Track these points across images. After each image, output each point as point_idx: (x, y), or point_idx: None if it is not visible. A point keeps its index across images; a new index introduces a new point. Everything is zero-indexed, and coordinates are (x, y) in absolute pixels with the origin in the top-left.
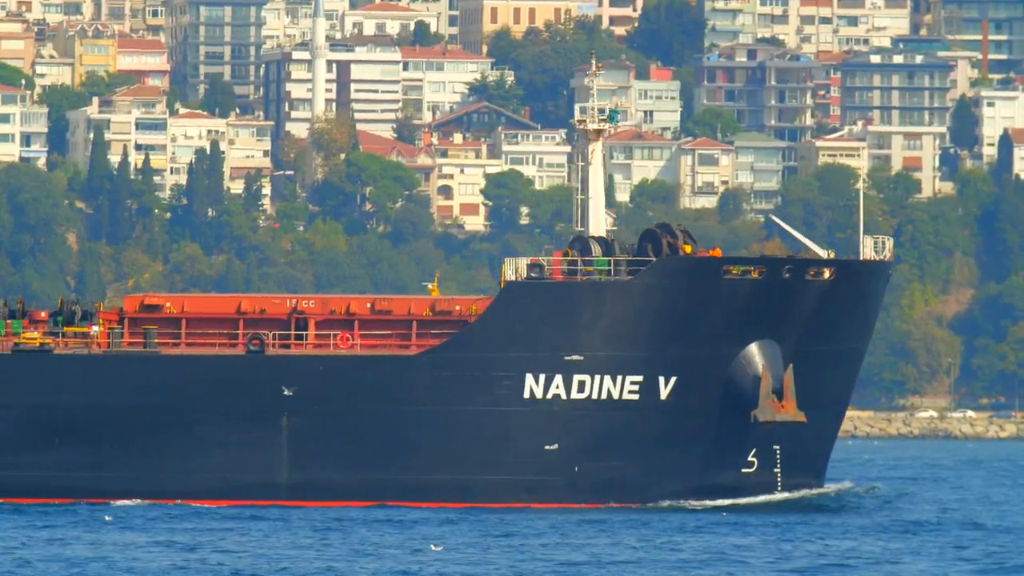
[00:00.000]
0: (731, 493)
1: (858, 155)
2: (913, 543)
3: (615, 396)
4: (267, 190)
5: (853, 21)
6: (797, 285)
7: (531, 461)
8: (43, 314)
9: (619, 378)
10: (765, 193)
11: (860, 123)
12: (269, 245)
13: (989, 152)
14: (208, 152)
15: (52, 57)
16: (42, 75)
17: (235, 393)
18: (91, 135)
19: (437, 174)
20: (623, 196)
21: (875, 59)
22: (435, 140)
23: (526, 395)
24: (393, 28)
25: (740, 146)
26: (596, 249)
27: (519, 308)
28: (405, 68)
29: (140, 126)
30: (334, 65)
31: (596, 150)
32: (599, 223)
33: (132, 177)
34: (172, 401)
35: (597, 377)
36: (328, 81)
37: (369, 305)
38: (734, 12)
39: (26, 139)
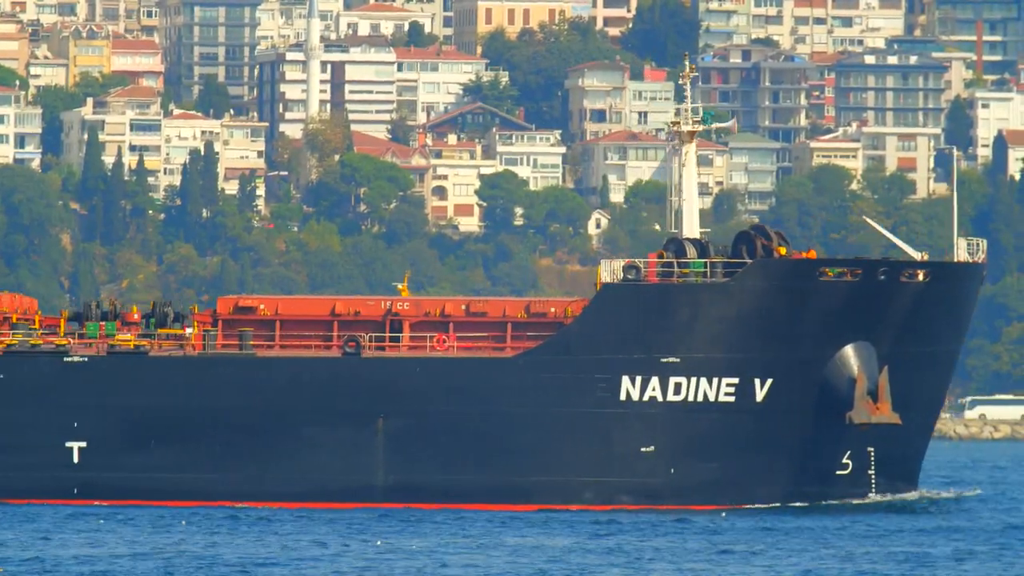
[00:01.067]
0: (825, 495)
1: (852, 156)
2: None
3: (711, 398)
4: (261, 191)
5: (847, 22)
6: (892, 287)
7: (627, 463)
8: (135, 315)
9: (715, 380)
10: (759, 194)
11: (854, 124)
12: (263, 246)
13: (984, 153)
14: (202, 153)
15: (46, 58)
16: (36, 76)
17: (331, 395)
18: (85, 136)
19: (431, 175)
20: (617, 197)
21: (869, 60)
22: (429, 141)
23: (622, 397)
24: (387, 29)
25: (734, 147)
26: (691, 251)
27: (615, 310)
28: (399, 69)
29: (134, 127)
30: (328, 66)
31: (690, 152)
32: (692, 225)
33: (126, 178)
34: (268, 403)
35: (693, 379)
36: (322, 82)
37: (464, 307)
38: (728, 13)
39: (20, 140)
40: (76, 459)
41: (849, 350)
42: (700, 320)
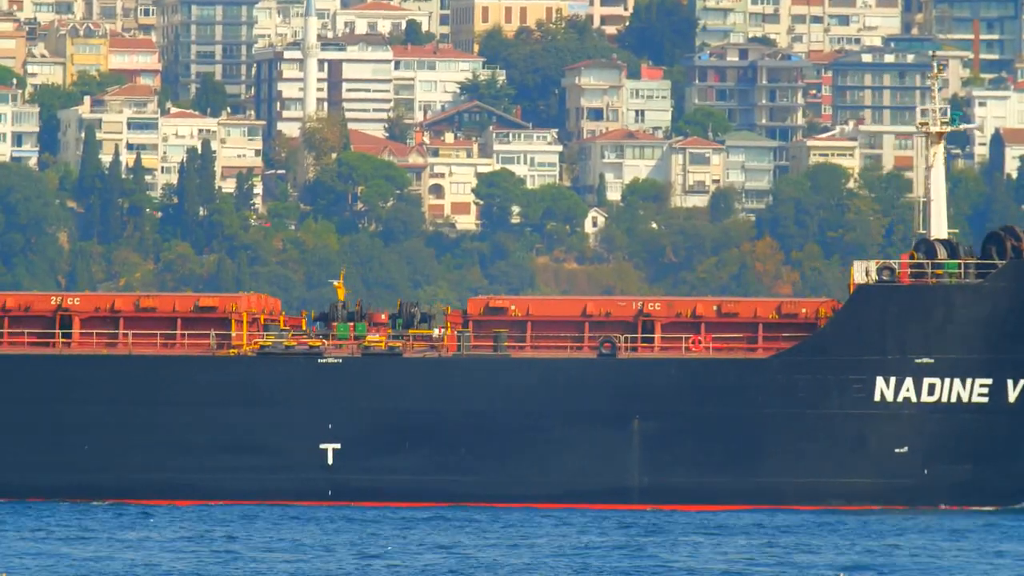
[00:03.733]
0: None
1: (849, 155)
2: None
3: (964, 399)
4: (258, 189)
5: (844, 20)
6: None
7: (882, 464)
8: (383, 316)
9: (968, 381)
10: (756, 192)
11: (851, 122)
12: (260, 244)
13: (981, 152)
14: (199, 151)
15: (43, 56)
16: (33, 74)
17: (586, 396)
18: (82, 134)
19: (428, 173)
20: (614, 195)
21: (866, 58)
22: (426, 139)
23: (877, 398)
24: (385, 27)
25: (731, 145)
26: (941, 252)
27: (870, 311)
28: (396, 67)
29: (131, 125)
30: (326, 64)
31: (938, 152)
32: (941, 225)
33: (123, 176)
34: (523, 405)
35: (947, 380)
36: (319, 80)
37: (715, 308)
38: (725, 11)
39: (17, 139)
40: (330, 461)
41: None
42: (954, 321)
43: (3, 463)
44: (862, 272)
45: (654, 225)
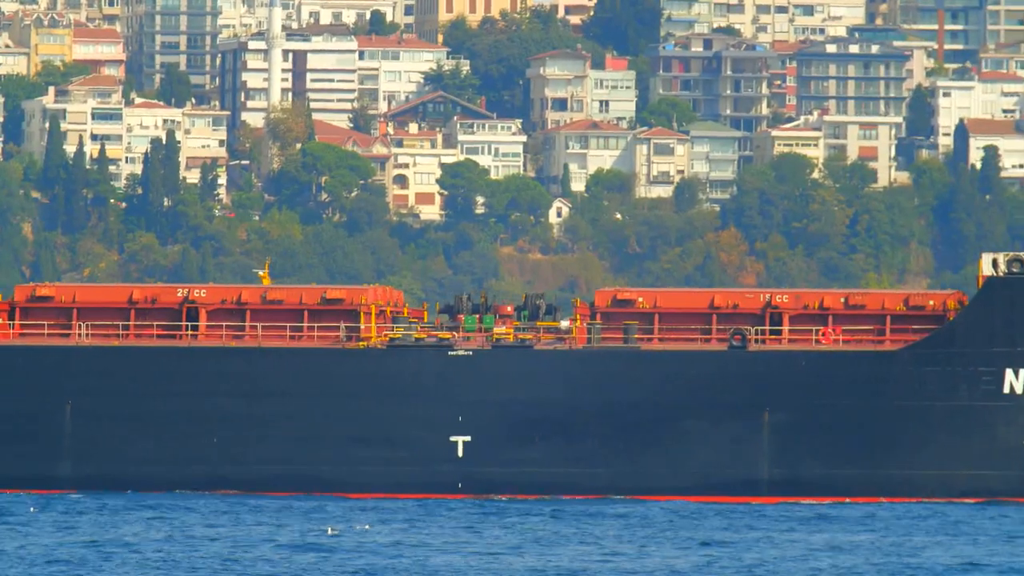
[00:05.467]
0: None
1: (814, 145)
2: None
3: None
4: (223, 180)
5: (809, 11)
6: None
7: (1012, 456)
8: (508, 309)
9: None
10: (720, 183)
11: (816, 113)
12: (224, 235)
13: (945, 142)
14: (164, 142)
15: (7, 47)
16: None
17: (716, 388)
18: (47, 125)
19: (393, 163)
20: (579, 186)
21: (831, 49)
22: (391, 129)
23: (1006, 390)
24: (349, 17)
25: (695, 136)
26: None
27: (999, 304)
28: (361, 57)
29: (96, 116)
30: (290, 54)
31: None
32: None
33: (88, 167)
34: (651, 396)
35: None
36: (284, 70)
37: (843, 300)
38: (690, 1)
39: None
40: (460, 453)
41: None
42: None
43: (130, 456)
44: (990, 264)
45: (618, 215)
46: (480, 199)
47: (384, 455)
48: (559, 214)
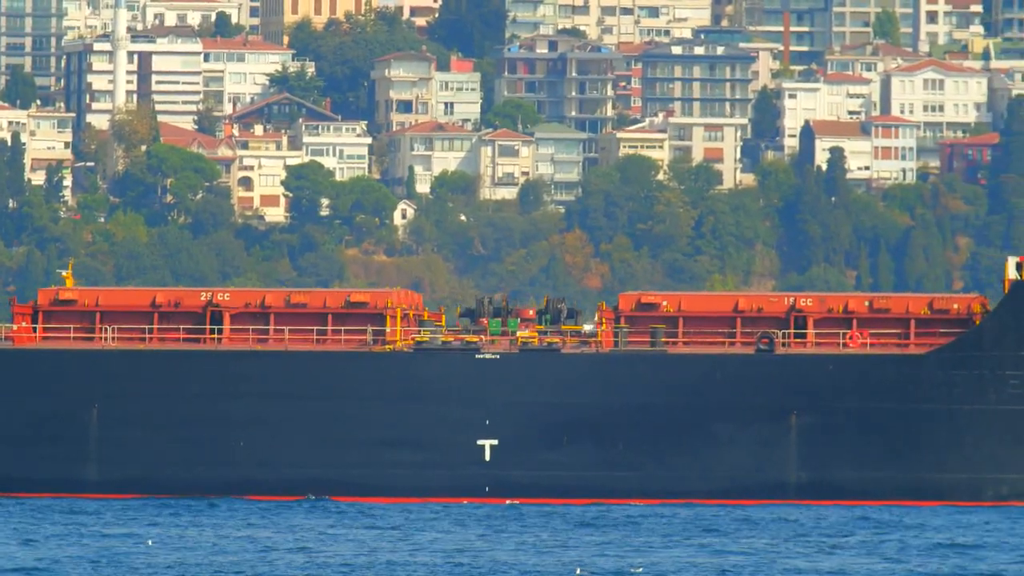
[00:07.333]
0: None
1: (659, 147)
2: None
3: None
4: (68, 181)
5: (654, 12)
6: None
7: None
8: (530, 312)
9: None
10: (565, 184)
11: (661, 115)
12: (70, 236)
13: (791, 143)
14: (9, 143)
15: None
16: None
17: (744, 391)
18: None
19: (238, 165)
20: (423, 188)
21: (676, 50)
22: (236, 131)
23: None
24: (194, 19)
25: (540, 137)
26: None
27: None
28: (206, 59)
29: None
30: (135, 56)
31: None
32: None
33: None
34: (681, 400)
35: None
36: (129, 72)
37: (867, 303)
38: (535, 3)
39: None
40: (487, 457)
41: None
42: None
43: (157, 460)
44: (1015, 268)
45: (463, 217)
46: (325, 201)
47: (411, 459)
48: (404, 216)
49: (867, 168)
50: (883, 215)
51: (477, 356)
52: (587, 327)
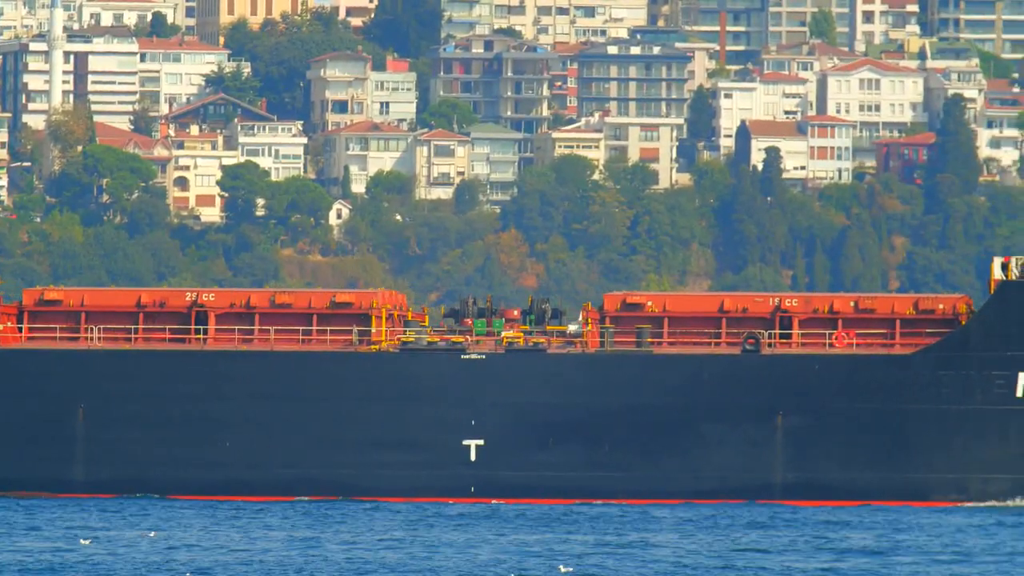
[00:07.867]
0: None
1: (595, 146)
2: None
3: None
4: (4, 181)
5: (590, 12)
6: None
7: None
8: (514, 312)
9: None
10: (501, 184)
11: (597, 114)
12: (6, 236)
13: (727, 143)
14: None
15: None
16: None
17: (730, 392)
18: None
19: (173, 165)
20: (359, 188)
21: (612, 50)
22: (172, 132)
23: (1019, 394)
24: (130, 19)
25: (476, 137)
26: None
27: (1012, 307)
28: (142, 59)
29: None
30: (71, 56)
31: None
32: None
33: None
34: (667, 400)
35: None
36: (65, 72)
37: (853, 304)
38: (471, 3)
39: None
40: (473, 457)
41: None
42: None
43: (143, 460)
44: (1000, 268)
45: (399, 217)
46: (261, 201)
47: (397, 459)
48: (339, 216)
49: (803, 168)
50: (819, 215)
51: (463, 356)
52: (572, 327)
